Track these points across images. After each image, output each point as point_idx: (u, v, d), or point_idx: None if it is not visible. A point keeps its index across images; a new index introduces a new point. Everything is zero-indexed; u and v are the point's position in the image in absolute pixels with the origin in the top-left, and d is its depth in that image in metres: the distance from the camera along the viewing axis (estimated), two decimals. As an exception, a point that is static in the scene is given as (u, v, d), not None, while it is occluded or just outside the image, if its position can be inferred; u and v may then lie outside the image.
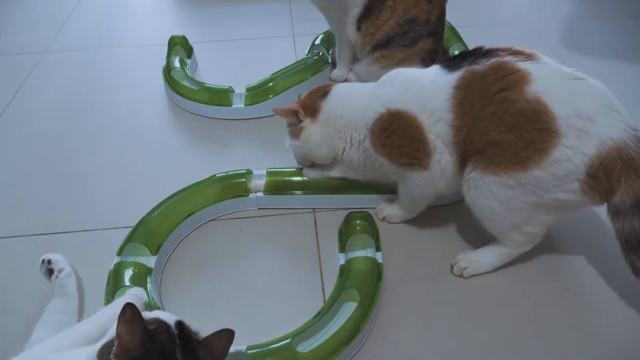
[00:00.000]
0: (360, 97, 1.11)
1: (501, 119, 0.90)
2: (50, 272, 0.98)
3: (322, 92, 1.15)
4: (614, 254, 0.95)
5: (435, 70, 1.03)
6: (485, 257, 1.05)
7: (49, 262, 0.98)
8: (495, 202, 0.94)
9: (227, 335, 0.72)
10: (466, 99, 0.94)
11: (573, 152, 0.85)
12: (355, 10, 1.45)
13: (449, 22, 1.60)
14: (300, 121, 1.14)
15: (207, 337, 0.71)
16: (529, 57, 0.93)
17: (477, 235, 1.07)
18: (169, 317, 0.70)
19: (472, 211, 1.00)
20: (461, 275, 1.04)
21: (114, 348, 0.63)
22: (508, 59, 0.93)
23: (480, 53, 0.97)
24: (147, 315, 0.69)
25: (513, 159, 0.89)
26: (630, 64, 1.68)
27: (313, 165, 1.22)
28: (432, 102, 0.98)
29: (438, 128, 0.98)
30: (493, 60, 0.94)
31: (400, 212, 1.16)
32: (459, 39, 1.69)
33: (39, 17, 2.17)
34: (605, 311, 0.98)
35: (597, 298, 1.00)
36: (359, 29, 1.48)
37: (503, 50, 0.96)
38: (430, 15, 1.42)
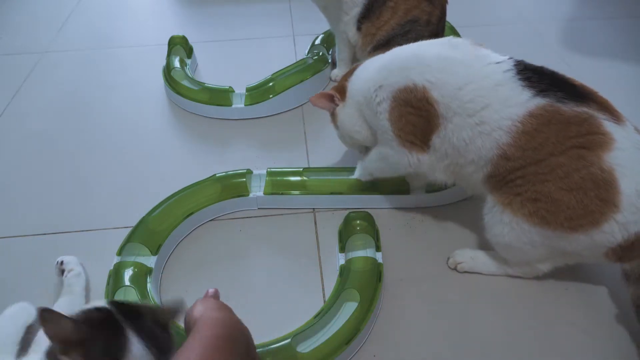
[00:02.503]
0: (393, 56, 1.01)
1: (568, 174, 0.83)
2: (62, 272, 1.02)
3: (350, 72, 1.08)
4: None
5: (503, 71, 0.90)
6: (485, 260, 1.05)
7: (62, 263, 1.03)
8: (526, 244, 0.92)
9: (178, 306, 0.74)
10: (537, 134, 0.85)
11: (619, 228, 0.84)
12: (355, 10, 1.45)
13: (449, 22, 1.60)
14: (336, 106, 1.09)
15: (159, 306, 0.75)
16: (616, 118, 0.85)
17: (478, 237, 1.07)
18: (100, 302, 0.72)
19: (491, 245, 0.99)
20: (455, 269, 1.05)
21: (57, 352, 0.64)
22: (597, 114, 0.85)
23: (571, 91, 0.87)
24: (77, 309, 0.70)
25: (565, 223, 0.86)
26: (630, 64, 1.68)
27: (367, 149, 1.16)
28: (486, 110, 0.88)
29: (475, 139, 0.90)
30: (583, 109, 0.84)
31: (360, 172, 1.17)
32: (459, 39, 1.69)
33: (39, 17, 2.17)
34: (606, 311, 0.98)
35: (597, 298, 1.00)
36: (359, 29, 1.48)
37: (596, 100, 0.87)
38: (431, 16, 1.42)
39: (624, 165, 0.83)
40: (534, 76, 0.88)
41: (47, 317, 0.62)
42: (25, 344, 0.85)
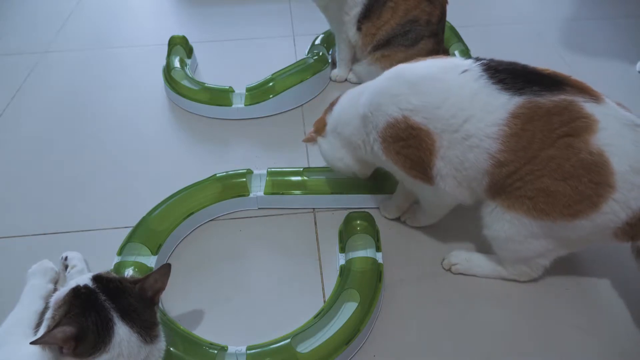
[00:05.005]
0: (367, 93, 1.00)
1: (560, 165, 0.83)
2: (66, 267, 1.06)
3: (332, 105, 1.12)
4: (614, 254, 0.95)
5: (475, 79, 0.89)
6: (479, 262, 1.05)
7: (66, 258, 1.06)
8: (527, 237, 0.91)
9: (162, 270, 0.79)
10: (524, 133, 0.84)
11: (620, 207, 0.83)
12: (355, 10, 1.45)
13: (449, 22, 1.60)
14: (314, 139, 1.15)
15: (145, 275, 0.78)
16: (595, 98, 0.85)
17: (478, 237, 1.07)
18: (83, 278, 0.76)
19: (490, 241, 0.98)
20: (449, 270, 1.05)
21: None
22: (575, 99, 0.84)
23: (545, 81, 0.86)
24: (63, 290, 0.75)
25: (564, 211, 0.85)
26: (630, 64, 1.68)
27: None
28: (469, 122, 0.87)
29: (467, 155, 0.89)
30: (561, 97, 0.84)
31: (421, 217, 1.14)
32: (459, 39, 1.69)
33: (39, 17, 2.17)
34: (606, 311, 0.98)
35: (597, 298, 1.00)
36: (359, 29, 1.48)
37: (570, 84, 0.87)
38: (431, 16, 1.42)
39: (612, 144, 0.82)
40: (507, 77, 0.88)
41: (44, 340, 0.67)
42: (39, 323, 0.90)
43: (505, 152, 0.86)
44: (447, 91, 0.90)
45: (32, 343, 0.67)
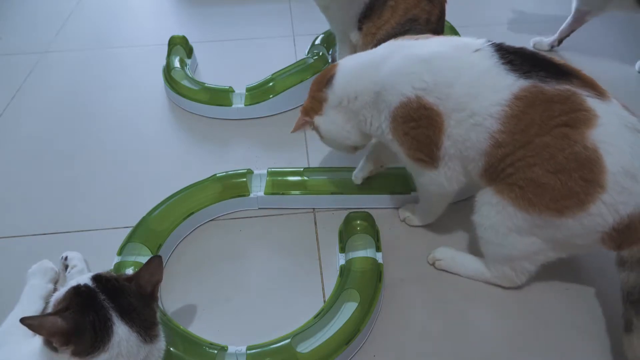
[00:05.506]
0: (379, 70, 0.98)
1: (553, 155, 0.83)
2: (66, 267, 1.06)
3: (326, 80, 1.05)
4: (613, 255, 0.94)
5: (488, 58, 0.89)
6: (464, 262, 1.05)
7: (66, 258, 1.07)
8: (511, 231, 0.91)
9: (154, 262, 0.78)
10: (524, 116, 0.84)
11: (608, 210, 0.82)
12: (356, 10, 1.45)
13: (448, 22, 1.60)
14: (312, 123, 1.10)
15: (137, 271, 0.77)
16: (600, 94, 0.84)
17: (477, 239, 1.07)
18: (83, 278, 0.76)
19: (476, 228, 0.98)
20: (433, 265, 1.06)
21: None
22: (580, 91, 0.83)
23: (553, 69, 0.86)
24: (63, 290, 0.74)
25: (551, 205, 0.84)
26: (630, 64, 1.68)
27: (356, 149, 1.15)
28: (476, 100, 0.88)
29: (470, 133, 0.89)
30: (565, 87, 0.84)
31: (420, 215, 1.15)
32: (459, 39, 1.69)
33: (39, 17, 2.17)
34: (605, 311, 0.98)
35: (597, 298, 1.00)
36: (360, 28, 1.48)
37: (579, 77, 0.86)
38: (430, 15, 1.42)
39: (608, 142, 0.81)
40: (517, 59, 0.88)
41: (32, 323, 0.66)
42: None
43: (504, 133, 0.86)
44: (459, 69, 0.90)
45: (21, 320, 0.66)
